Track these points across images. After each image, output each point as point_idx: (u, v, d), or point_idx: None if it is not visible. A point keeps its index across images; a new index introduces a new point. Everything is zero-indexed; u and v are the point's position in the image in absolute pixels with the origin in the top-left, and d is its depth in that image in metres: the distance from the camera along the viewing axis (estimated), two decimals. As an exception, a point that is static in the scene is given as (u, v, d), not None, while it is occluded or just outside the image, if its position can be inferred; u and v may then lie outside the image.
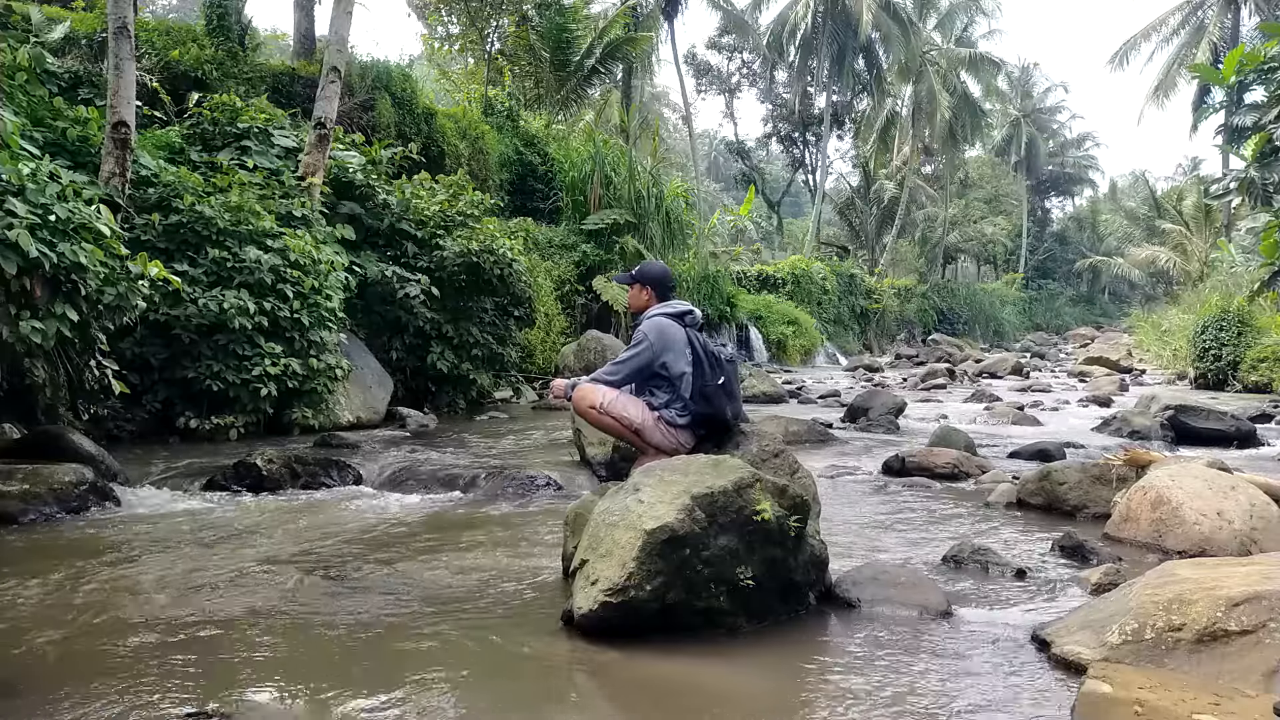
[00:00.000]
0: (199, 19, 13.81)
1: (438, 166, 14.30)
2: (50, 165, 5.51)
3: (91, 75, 10.24)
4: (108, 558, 3.93)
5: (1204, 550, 4.03)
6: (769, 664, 2.83)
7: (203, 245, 7.51)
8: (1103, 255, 50.61)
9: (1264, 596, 2.60)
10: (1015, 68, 49.95)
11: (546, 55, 22.30)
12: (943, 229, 44.65)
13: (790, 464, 4.01)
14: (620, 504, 3.12)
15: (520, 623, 3.16)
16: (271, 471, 5.58)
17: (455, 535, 4.52)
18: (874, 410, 10.13)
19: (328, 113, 9.40)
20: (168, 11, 42.90)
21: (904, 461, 6.48)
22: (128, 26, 7.34)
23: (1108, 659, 2.63)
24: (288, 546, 4.18)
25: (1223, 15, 33.76)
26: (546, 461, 6.57)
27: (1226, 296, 17.29)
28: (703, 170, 49.02)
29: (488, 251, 10.13)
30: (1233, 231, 30.47)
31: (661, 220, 18.45)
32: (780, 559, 3.11)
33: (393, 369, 9.84)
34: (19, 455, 5.36)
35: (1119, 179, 64.69)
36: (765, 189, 45.28)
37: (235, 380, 7.33)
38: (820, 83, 40.28)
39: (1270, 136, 9.70)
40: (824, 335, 28.50)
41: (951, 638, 3.03)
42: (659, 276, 4.61)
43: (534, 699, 2.56)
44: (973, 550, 3.98)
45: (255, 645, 2.88)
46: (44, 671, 2.62)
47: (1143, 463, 5.15)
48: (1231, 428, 8.39)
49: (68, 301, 5.16)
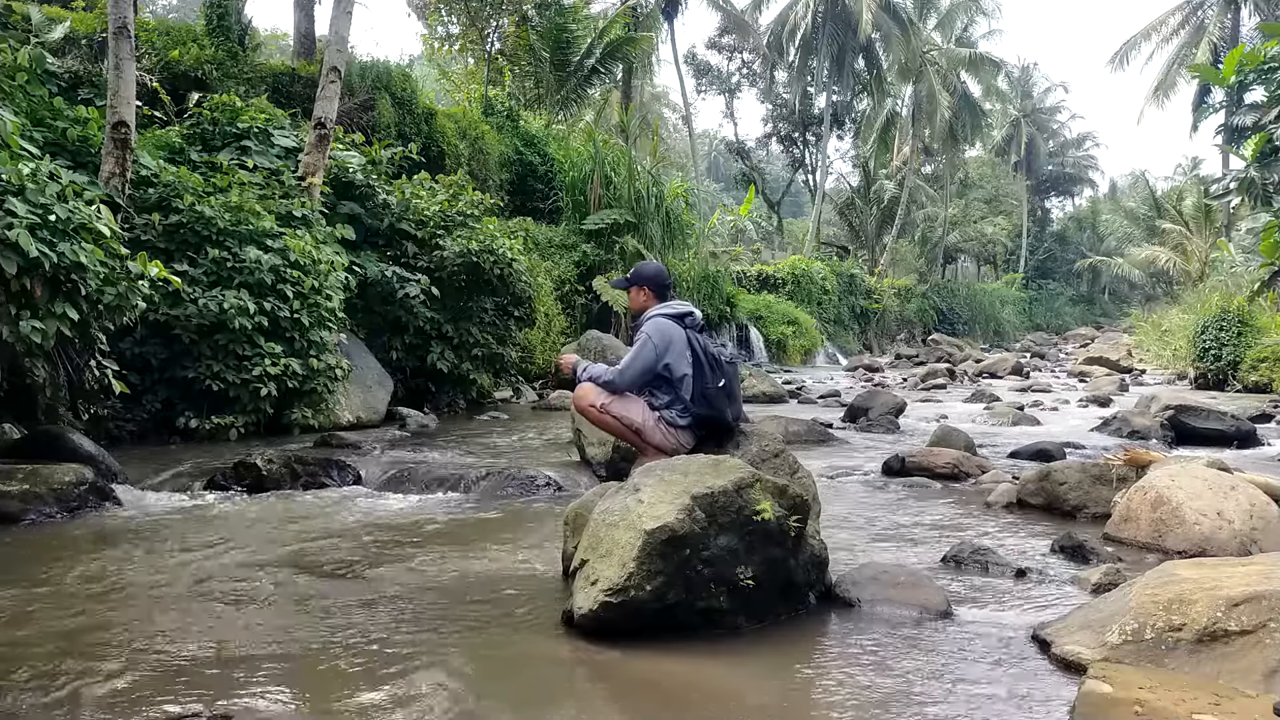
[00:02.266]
0: (199, 19, 13.81)
1: (438, 166, 14.30)
2: (50, 165, 5.50)
3: (91, 75, 10.24)
4: (108, 558, 3.93)
5: (1204, 550, 4.03)
6: (769, 664, 2.83)
7: (203, 245, 7.51)
8: (1103, 255, 50.59)
9: (1264, 596, 2.60)
10: (1015, 68, 50.03)
11: (546, 55, 22.30)
12: (943, 229, 44.65)
13: (790, 464, 4.01)
14: (620, 504, 3.12)
15: (520, 622, 3.16)
16: (271, 471, 5.58)
17: (455, 535, 4.52)
18: (874, 410, 10.13)
19: (328, 113, 9.40)
20: (168, 11, 42.94)
21: (904, 461, 6.48)
22: (128, 26, 7.34)
23: (1108, 659, 2.63)
24: (287, 547, 4.18)
25: (1223, 15, 33.79)
26: (546, 461, 6.57)
27: (1226, 296, 17.27)
28: (703, 170, 49.06)
29: (488, 251, 10.13)
30: (1233, 231, 30.49)
31: (661, 220, 18.45)
32: (780, 559, 3.11)
33: (393, 369, 9.84)
34: (19, 455, 5.36)
35: (1119, 179, 64.90)
36: (765, 189, 45.25)
37: (235, 380, 7.33)
38: (820, 83, 40.29)
39: (1270, 136, 9.71)
40: (824, 335, 28.50)
41: (951, 638, 3.03)
42: (655, 275, 4.62)
43: (534, 699, 2.56)
44: (973, 550, 3.98)
45: (255, 645, 2.87)
46: (44, 672, 2.62)
47: (1143, 463, 5.15)
48: (1231, 428, 8.39)
49: (68, 301, 5.15)
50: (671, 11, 30.76)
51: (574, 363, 4.55)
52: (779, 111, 43.95)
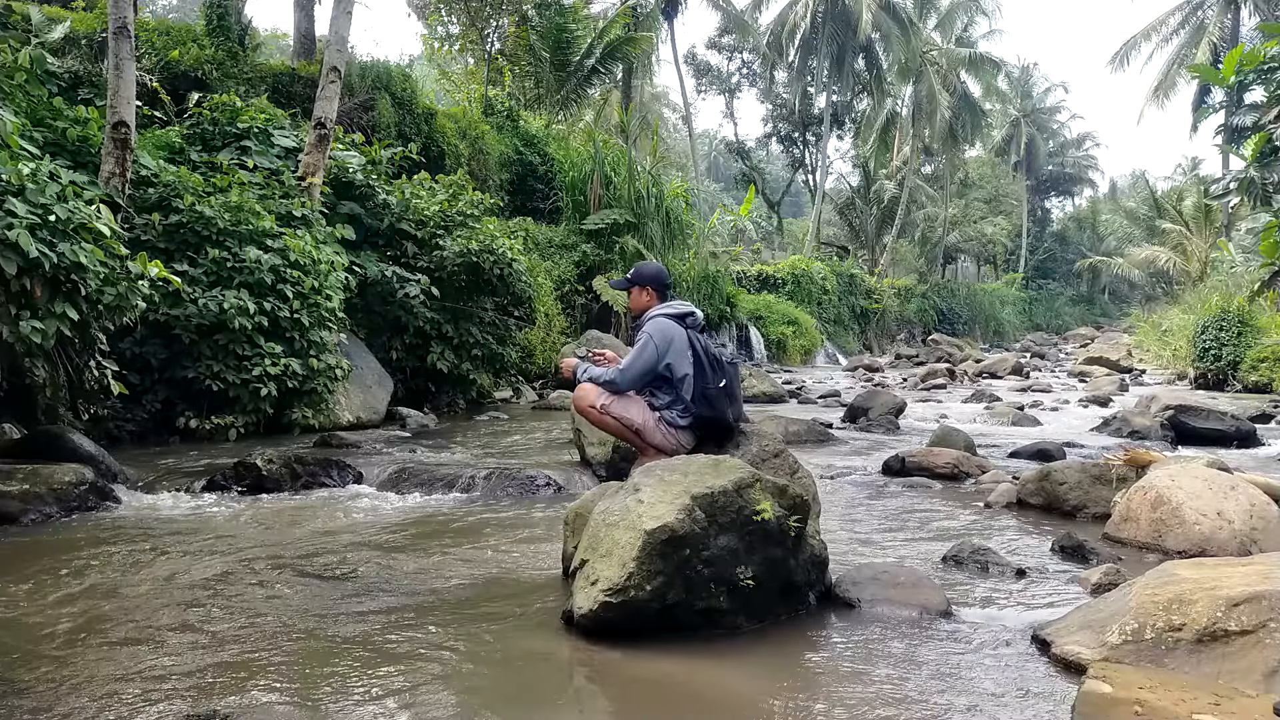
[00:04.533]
0: (199, 19, 13.81)
1: (438, 166, 14.30)
2: (50, 165, 5.50)
3: (91, 75, 10.25)
4: (108, 558, 3.93)
5: (1204, 550, 4.03)
6: (769, 664, 2.83)
7: (203, 245, 7.51)
8: (1103, 255, 50.57)
9: (1264, 596, 2.60)
10: (1015, 68, 49.99)
11: (546, 55, 22.30)
12: (943, 229, 44.64)
13: (790, 464, 4.01)
14: (620, 504, 3.12)
15: (520, 623, 3.16)
16: (271, 472, 5.57)
17: (455, 535, 4.52)
18: (874, 410, 10.13)
19: (328, 113, 9.40)
20: (168, 11, 42.95)
21: (904, 461, 6.48)
22: (128, 26, 7.34)
23: (1108, 659, 2.63)
24: (287, 547, 4.18)
25: (1223, 15, 33.78)
26: (546, 461, 6.57)
27: (1226, 296, 17.28)
28: (703, 170, 49.07)
29: (488, 251, 10.14)
30: (1233, 231, 30.47)
31: (661, 220, 18.45)
32: (780, 559, 3.11)
33: (393, 369, 9.84)
34: (19, 455, 5.36)
35: (1119, 179, 64.94)
36: (765, 189, 45.24)
37: (235, 380, 7.33)
38: (820, 83, 40.30)
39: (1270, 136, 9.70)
40: (824, 335, 28.51)
41: (951, 638, 3.03)
42: (656, 274, 4.63)
43: (534, 699, 2.56)
44: (973, 550, 3.98)
45: (255, 645, 2.87)
46: (44, 672, 2.62)
47: (1143, 463, 5.15)
48: (1231, 428, 8.39)
49: (68, 301, 5.16)
50: (671, 11, 30.77)
51: (574, 366, 4.55)
52: (779, 111, 43.95)
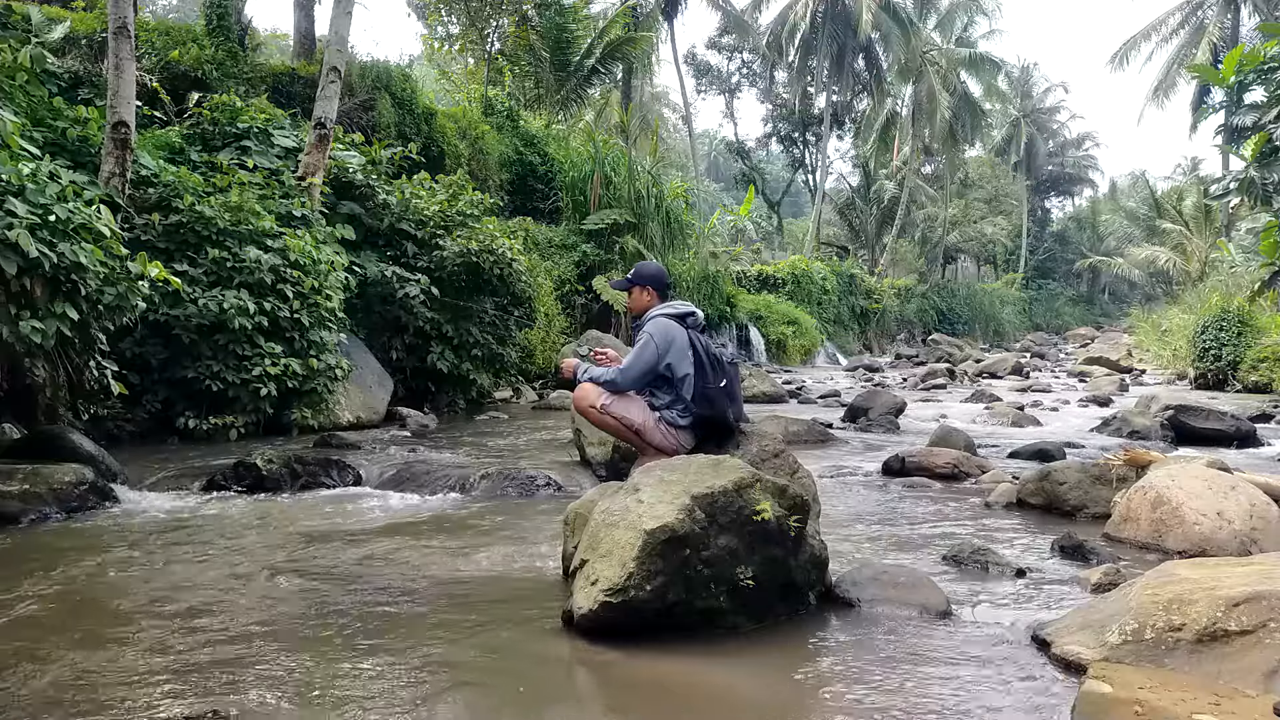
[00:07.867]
0: (199, 19, 13.81)
1: (438, 166, 14.29)
2: (50, 165, 5.51)
3: (91, 75, 10.25)
4: (107, 558, 3.93)
5: (1204, 550, 4.03)
6: (769, 664, 2.83)
7: (203, 245, 7.51)
8: (1103, 255, 50.57)
9: (1264, 596, 2.60)
10: (1015, 68, 49.93)
11: (546, 55, 22.30)
12: (943, 229, 44.63)
13: (790, 464, 4.00)
14: (620, 504, 3.12)
15: (520, 623, 3.15)
16: (271, 472, 5.58)
17: (455, 535, 4.51)
18: (874, 410, 10.13)
19: (328, 113, 9.40)
20: (168, 11, 42.93)
21: (904, 461, 6.48)
22: (128, 26, 7.34)
23: (1108, 659, 2.63)
24: (287, 547, 4.18)
25: (1223, 15, 33.80)
26: (546, 461, 6.57)
27: (1226, 296, 17.29)
28: (703, 170, 49.06)
29: (488, 251, 10.14)
30: (1233, 231, 30.45)
31: (661, 220, 18.46)
32: (780, 559, 3.11)
33: (393, 369, 9.84)
34: (19, 455, 5.36)
35: (1119, 179, 64.74)
36: (765, 189, 45.27)
37: (235, 380, 7.33)
38: (820, 83, 40.28)
39: (1270, 136, 9.71)
40: (824, 335, 28.50)
41: (951, 638, 3.03)
42: (656, 274, 4.63)
43: (534, 699, 2.56)
44: (973, 550, 3.98)
45: (254, 646, 2.87)
46: (43, 671, 2.62)
47: (1143, 463, 5.15)
48: (1231, 428, 8.39)
49: (68, 301, 5.16)
50: (671, 11, 30.74)
51: (574, 367, 4.55)
52: (779, 111, 43.96)
